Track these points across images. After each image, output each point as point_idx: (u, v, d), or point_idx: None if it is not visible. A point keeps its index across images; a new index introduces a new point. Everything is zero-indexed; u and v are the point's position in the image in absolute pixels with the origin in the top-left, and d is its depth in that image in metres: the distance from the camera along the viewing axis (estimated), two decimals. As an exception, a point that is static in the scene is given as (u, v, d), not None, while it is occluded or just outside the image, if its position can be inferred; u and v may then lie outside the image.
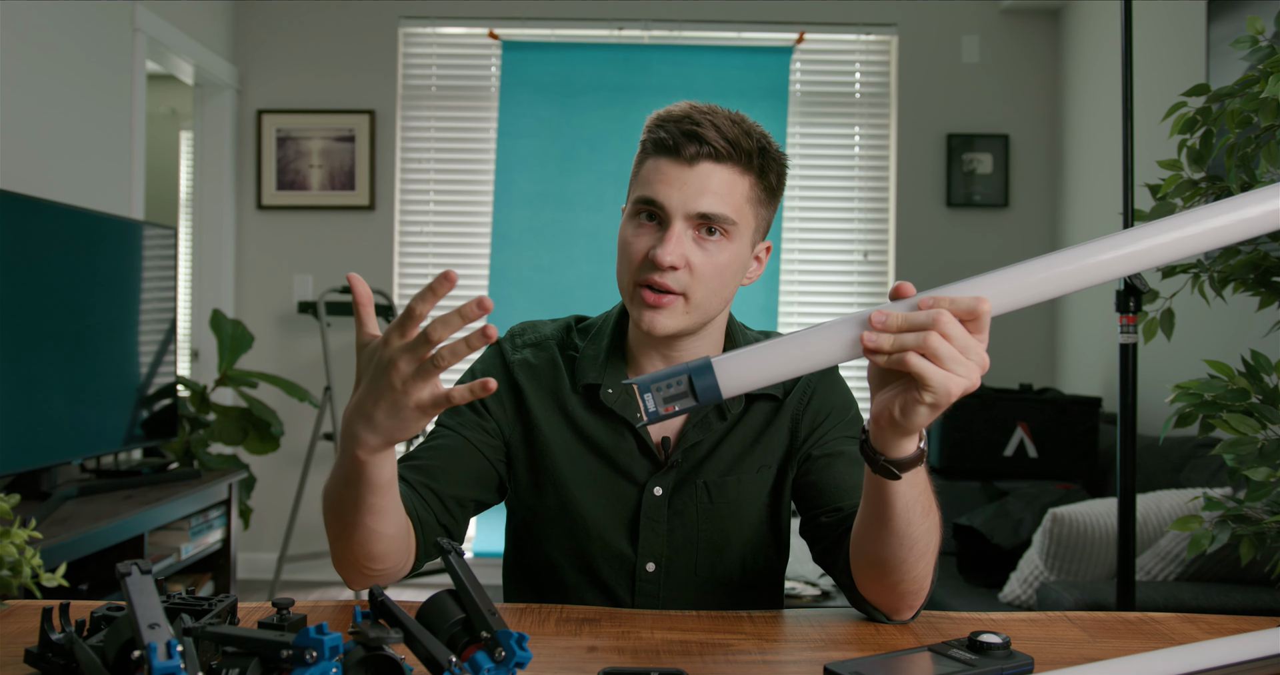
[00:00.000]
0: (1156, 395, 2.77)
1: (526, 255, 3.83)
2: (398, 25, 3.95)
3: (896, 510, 0.87)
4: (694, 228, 1.03)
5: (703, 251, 1.03)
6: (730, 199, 1.03)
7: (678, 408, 0.77)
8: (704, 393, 0.77)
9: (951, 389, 0.75)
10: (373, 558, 0.95)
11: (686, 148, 1.02)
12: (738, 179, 1.04)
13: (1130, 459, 1.68)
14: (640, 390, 0.78)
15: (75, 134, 2.86)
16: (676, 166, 1.03)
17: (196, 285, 3.87)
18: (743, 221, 1.05)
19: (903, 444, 0.82)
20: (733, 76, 3.86)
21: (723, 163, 1.03)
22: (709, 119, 1.03)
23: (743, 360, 0.78)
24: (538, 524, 1.14)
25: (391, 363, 0.78)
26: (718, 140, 1.02)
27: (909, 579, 0.92)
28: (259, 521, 3.79)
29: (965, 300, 0.76)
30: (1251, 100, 1.43)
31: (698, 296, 1.04)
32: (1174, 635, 0.93)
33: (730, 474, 1.11)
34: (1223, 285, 1.57)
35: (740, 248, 1.06)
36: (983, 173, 3.93)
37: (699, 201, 1.02)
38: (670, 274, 1.02)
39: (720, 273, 1.04)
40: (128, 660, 0.69)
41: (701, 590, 1.12)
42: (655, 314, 1.03)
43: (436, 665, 0.70)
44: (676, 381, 0.77)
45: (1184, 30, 2.94)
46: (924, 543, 0.90)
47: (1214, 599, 1.98)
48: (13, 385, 2.16)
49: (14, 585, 0.90)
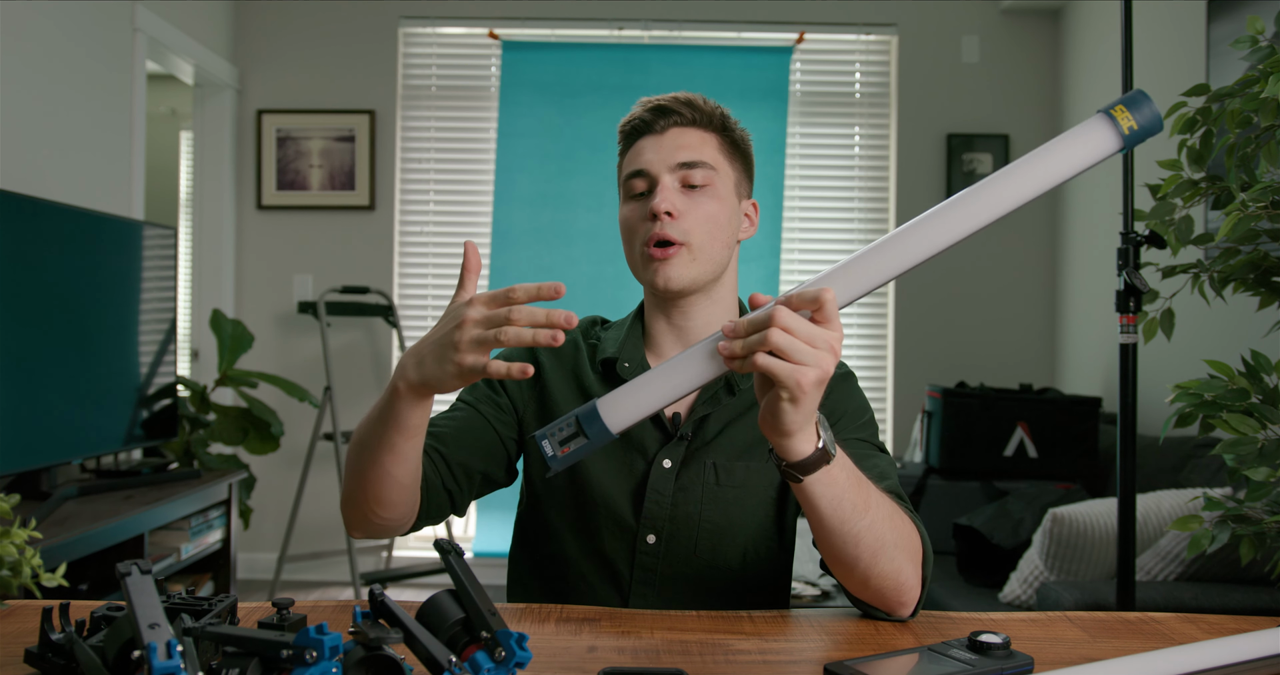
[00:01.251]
0: (1156, 395, 2.77)
1: (526, 255, 3.83)
2: (398, 25, 3.95)
3: (822, 511, 0.88)
4: (680, 181, 1.13)
5: (692, 202, 1.12)
6: (704, 150, 1.14)
7: (573, 448, 0.83)
8: (593, 432, 0.82)
9: (800, 380, 0.78)
10: (381, 502, 1.00)
11: (656, 122, 1.15)
12: (706, 135, 1.16)
13: (1130, 459, 1.68)
14: (538, 439, 0.83)
15: (75, 134, 2.86)
16: (651, 139, 1.15)
17: (196, 285, 3.87)
18: (721, 169, 1.15)
19: (791, 446, 0.83)
20: (733, 76, 3.86)
21: (689, 126, 1.15)
22: (669, 97, 1.17)
23: (623, 398, 0.83)
24: (546, 492, 1.17)
25: (463, 321, 0.85)
26: (680, 107, 1.15)
27: (876, 575, 0.93)
28: (259, 521, 3.79)
29: (808, 292, 0.80)
30: (1251, 100, 1.43)
31: (697, 241, 1.11)
32: (1174, 635, 0.93)
33: (740, 459, 1.13)
34: (1223, 285, 1.57)
35: (725, 197, 1.15)
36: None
37: (676, 155, 1.13)
38: (669, 224, 1.10)
39: (713, 219, 1.13)
40: (128, 660, 0.69)
41: (701, 575, 1.12)
42: (665, 266, 1.11)
43: (436, 665, 0.70)
44: (567, 424, 0.83)
45: (1184, 30, 2.94)
46: (870, 539, 0.91)
47: (1214, 599, 1.98)
48: (13, 385, 2.16)
49: (14, 585, 0.90)
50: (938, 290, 3.93)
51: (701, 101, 1.17)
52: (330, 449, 3.82)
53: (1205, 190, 1.60)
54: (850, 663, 0.80)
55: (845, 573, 0.94)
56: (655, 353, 1.19)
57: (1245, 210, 1.44)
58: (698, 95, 1.18)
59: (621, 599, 1.13)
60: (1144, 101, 0.83)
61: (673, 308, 1.17)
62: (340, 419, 3.75)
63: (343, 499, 1.04)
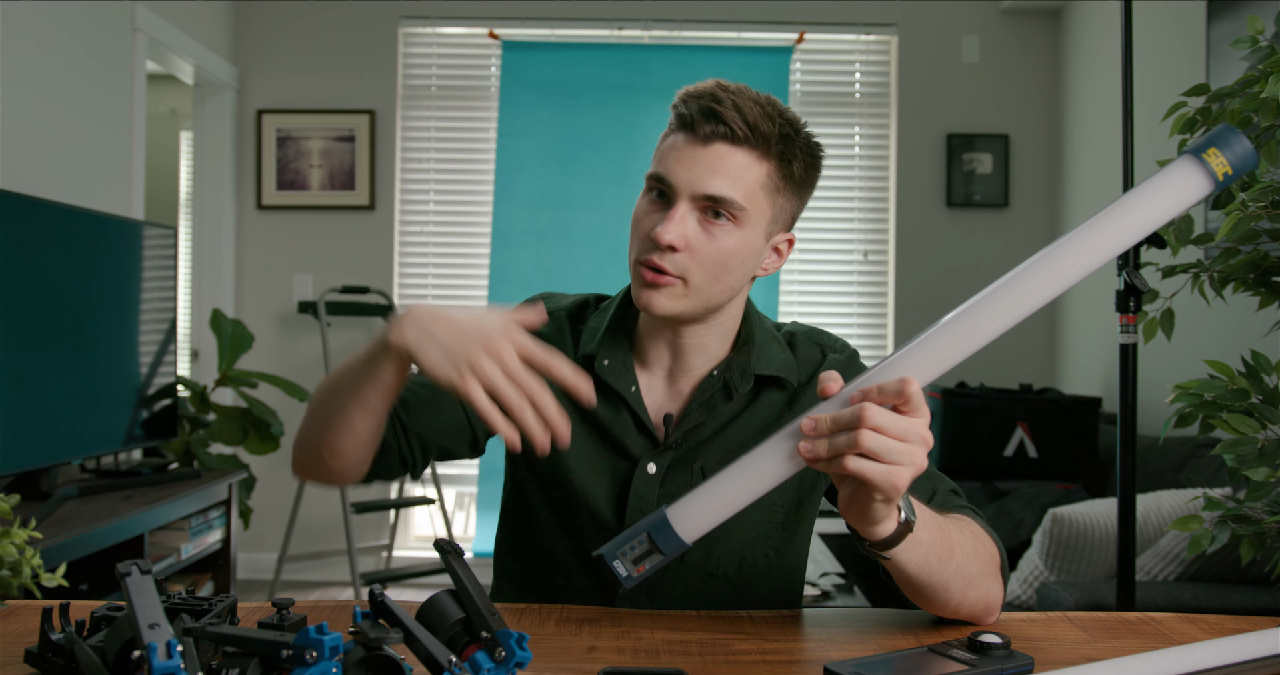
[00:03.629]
0: (1156, 395, 2.77)
1: (526, 255, 3.83)
2: (398, 25, 3.95)
3: (910, 572, 0.87)
4: (699, 209, 0.99)
5: (706, 235, 0.99)
6: (742, 183, 0.98)
7: (649, 566, 0.79)
8: (667, 545, 0.78)
9: (896, 482, 0.74)
10: (336, 453, 0.97)
11: (703, 126, 0.98)
12: (753, 164, 0.99)
13: (1130, 459, 1.68)
14: (608, 559, 0.79)
15: (75, 134, 2.85)
16: (691, 145, 0.99)
17: (196, 285, 3.87)
18: (754, 208, 0.99)
19: (878, 530, 0.81)
20: (733, 76, 3.73)
21: (739, 145, 0.98)
22: (732, 98, 0.98)
23: (695, 505, 0.79)
24: (529, 490, 1.12)
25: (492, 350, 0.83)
26: (736, 121, 0.97)
27: (967, 604, 0.93)
28: (259, 521, 3.79)
29: (891, 385, 0.74)
30: (1251, 100, 1.43)
31: (696, 281, 1.00)
32: (1174, 635, 0.93)
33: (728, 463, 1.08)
34: (1223, 285, 1.57)
35: (750, 236, 1.01)
36: (983, 173, 3.93)
37: (706, 183, 0.97)
38: (669, 255, 0.98)
39: (723, 259, 0.99)
40: (128, 660, 0.69)
41: (693, 582, 1.08)
42: (652, 293, 1.00)
43: (436, 665, 0.70)
44: (639, 541, 0.79)
45: (1184, 30, 2.94)
46: (958, 581, 0.90)
47: (1214, 599, 1.98)
48: (13, 385, 2.16)
49: (14, 585, 0.90)
50: (937, 290, 3.93)
51: (764, 118, 0.98)
52: (330, 449, 3.82)
53: (1205, 190, 1.59)
54: (850, 663, 0.80)
55: (936, 609, 0.94)
56: (641, 358, 1.10)
57: (1245, 210, 1.44)
58: (769, 103, 1.01)
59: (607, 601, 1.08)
60: (1233, 138, 0.75)
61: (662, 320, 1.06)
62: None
63: (297, 439, 1.01)
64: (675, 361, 1.09)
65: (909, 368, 0.76)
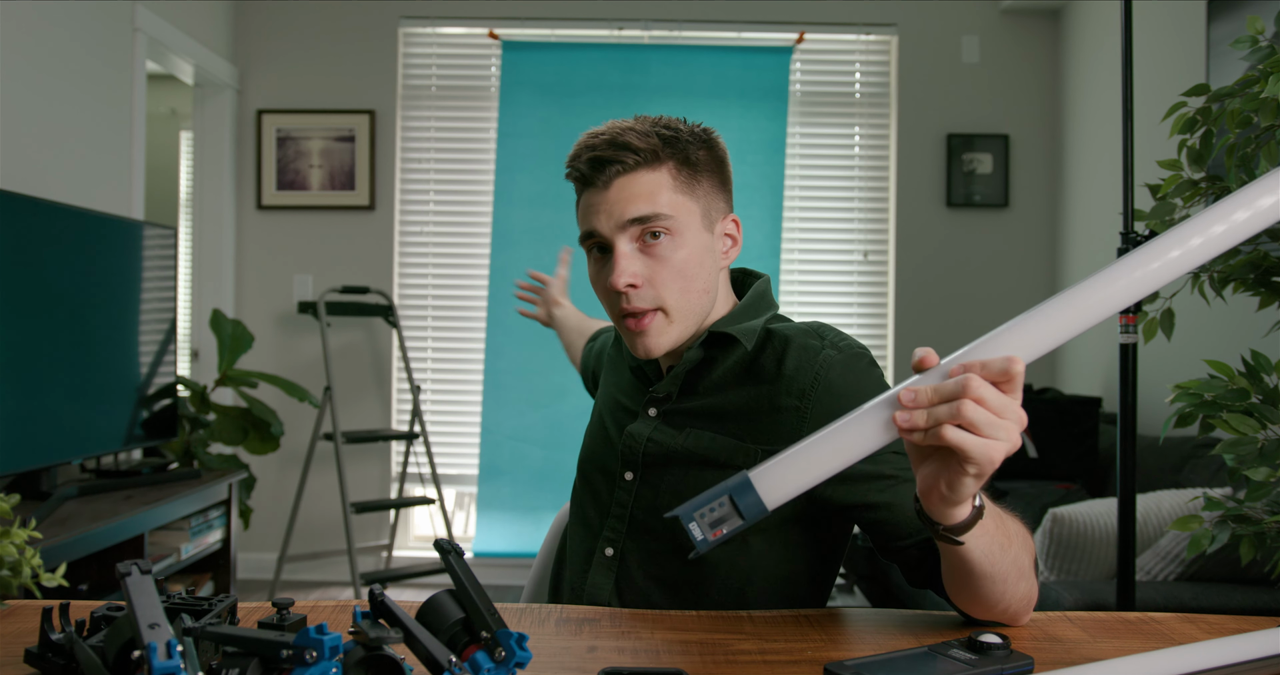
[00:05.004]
0: (1156, 395, 2.77)
1: (526, 255, 3.83)
2: (398, 25, 3.95)
3: (975, 561, 0.85)
4: (636, 239, 1.05)
5: (655, 259, 1.05)
6: (657, 197, 1.04)
7: (726, 531, 0.75)
8: (749, 509, 0.75)
9: (993, 456, 0.73)
10: None
11: (597, 176, 1.06)
12: (652, 176, 1.05)
13: (1130, 459, 1.68)
14: (684, 520, 0.76)
15: (75, 134, 2.86)
16: (597, 194, 1.06)
17: (196, 285, 3.87)
18: (680, 212, 1.05)
19: (958, 512, 0.80)
20: (733, 76, 3.86)
21: (633, 171, 1.05)
22: (604, 139, 1.06)
23: (780, 469, 0.76)
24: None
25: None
26: (616, 155, 1.04)
27: (1017, 599, 0.92)
28: (259, 521, 3.79)
29: (996, 362, 0.73)
30: (1251, 100, 1.43)
31: (672, 302, 1.05)
32: (1174, 635, 0.93)
33: (707, 430, 1.09)
34: (1223, 285, 1.57)
35: (693, 238, 1.06)
36: (983, 173, 3.93)
37: (626, 211, 1.04)
38: (634, 295, 1.04)
39: (682, 272, 1.05)
40: (128, 660, 0.69)
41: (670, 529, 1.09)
42: (644, 338, 1.07)
43: (436, 665, 0.70)
44: (719, 504, 0.75)
45: (1184, 30, 2.94)
46: (1015, 570, 0.89)
47: (1214, 599, 1.98)
48: (13, 385, 2.16)
49: (14, 585, 0.90)
50: (938, 290, 3.93)
51: (638, 137, 1.05)
52: (330, 449, 3.82)
53: (1205, 190, 1.60)
54: (850, 663, 0.80)
55: (985, 609, 0.92)
56: None
57: (1245, 210, 1.43)
58: (637, 124, 1.08)
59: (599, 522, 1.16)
60: None
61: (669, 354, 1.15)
62: (340, 419, 3.75)
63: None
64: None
65: (1013, 347, 0.74)
